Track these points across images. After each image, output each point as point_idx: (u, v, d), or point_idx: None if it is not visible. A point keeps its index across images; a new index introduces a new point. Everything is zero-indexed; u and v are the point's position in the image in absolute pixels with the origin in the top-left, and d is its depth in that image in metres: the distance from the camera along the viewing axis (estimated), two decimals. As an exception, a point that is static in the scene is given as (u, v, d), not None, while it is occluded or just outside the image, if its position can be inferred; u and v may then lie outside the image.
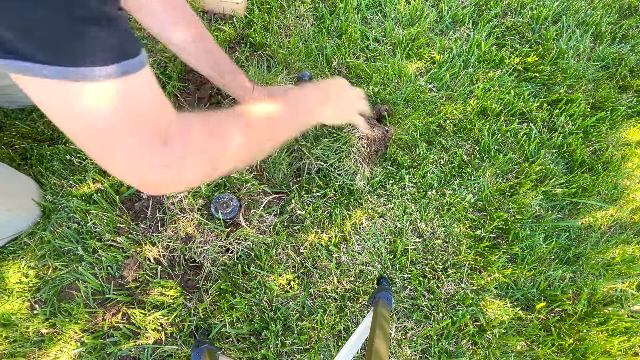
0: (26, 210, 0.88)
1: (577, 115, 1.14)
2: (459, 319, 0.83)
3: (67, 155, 0.97)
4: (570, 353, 0.84)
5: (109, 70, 0.35)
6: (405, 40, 1.21)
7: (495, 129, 1.09)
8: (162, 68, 1.10)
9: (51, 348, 0.78)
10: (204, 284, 0.85)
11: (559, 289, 0.90)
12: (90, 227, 0.88)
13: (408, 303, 0.85)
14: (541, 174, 1.05)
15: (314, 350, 0.79)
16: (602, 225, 1.03)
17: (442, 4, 1.32)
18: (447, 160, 1.04)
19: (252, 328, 0.81)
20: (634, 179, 1.09)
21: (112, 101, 0.36)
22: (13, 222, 0.86)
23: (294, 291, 0.84)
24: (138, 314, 0.80)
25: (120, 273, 0.85)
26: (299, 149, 1.01)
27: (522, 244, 0.94)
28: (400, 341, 0.82)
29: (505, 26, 1.32)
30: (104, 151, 0.39)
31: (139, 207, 0.92)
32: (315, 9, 1.26)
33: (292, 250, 0.88)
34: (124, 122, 0.37)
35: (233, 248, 0.87)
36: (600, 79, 1.25)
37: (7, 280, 0.84)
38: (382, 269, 0.88)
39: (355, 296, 0.84)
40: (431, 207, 0.96)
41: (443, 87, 1.16)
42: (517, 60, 1.24)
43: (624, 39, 1.36)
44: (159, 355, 0.78)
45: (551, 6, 1.36)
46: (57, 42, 0.32)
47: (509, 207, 0.99)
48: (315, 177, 0.98)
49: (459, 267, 0.90)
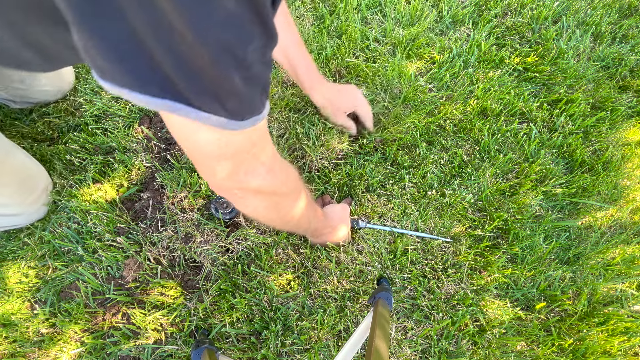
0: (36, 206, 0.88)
1: (577, 115, 1.14)
2: (459, 319, 0.83)
3: (67, 155, 0.97)
4: (570, 353, 0.84)
5: (247, 123, 0.40)
6: (405, 40, 1.21)
7: (495, 129, 1.09)
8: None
9: (51, 348, 0.78)
10: (204, 284, 0.85)
11: (559, 289, 0.90)
12: (90, 227, 0.88)
13: (408, 303, 0.85)
14: (541, 174, 1.05)
15: (314, 350, 0.79)
16: (602, 225, 1.03)
17: (442, 4, 1.32)
18: (447, 160, 1.04)
19: (252, 328, 0.81)
20: (634, 179, 1.09)
21: (238, 145, 0.43)
22: (18, 217, 0.86)
23: (294, 291, 0.84)
24: (138, 314, 0.80)
25: (120, 273, 0.85)
26: (301, 147, 1.01)
27: (522, 244, 0.94)
28: (400, 341, 0.82)
29: (505, 26, 1.32)
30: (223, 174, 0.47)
31: (139, 207, 0.92)
32: (315, 9, 1.27)
33: (292, 250, 0.88)
34: (240, 161, 0.46)
35: (233, 248, 0.87)
36: (600, 79, 1.25)
37: (7, 280, 0.84)
38: (382, 269, 0.88)
39: (355, 296, 0.84)
40: (431, 207, 0.96)
41: (443, 87, 1.16)
42: (517, 60, 1.24)
43: (624, 39, 1.36)
44: (159, 355, 0.78)
45: (551, 6, 1.36)
46: (220, 93, 0.35)
47: (509, 207, 0.99)
48: (315, 176, 0.98)
49: (459, 267, 0.90)
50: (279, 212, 0.63)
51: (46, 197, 0.90)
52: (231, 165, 0.46)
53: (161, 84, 0.33)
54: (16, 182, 0.83)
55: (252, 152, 0.46)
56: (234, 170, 0.47)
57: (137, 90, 0.33)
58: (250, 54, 0.33)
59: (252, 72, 0.35)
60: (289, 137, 1.02)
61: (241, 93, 0.36)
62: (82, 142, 0.99)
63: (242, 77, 0.35)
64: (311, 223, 0.76)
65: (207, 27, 0.29)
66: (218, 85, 0.34)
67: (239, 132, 0.40)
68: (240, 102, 0.37)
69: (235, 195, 0.53)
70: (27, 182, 0.86)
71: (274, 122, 1.03)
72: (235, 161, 0.46)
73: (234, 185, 0.50)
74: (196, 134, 0.40)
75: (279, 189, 0.56)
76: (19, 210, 0.85)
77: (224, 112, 0.37)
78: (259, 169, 0.49)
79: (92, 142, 0.99)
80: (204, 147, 0.42)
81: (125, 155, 0.97)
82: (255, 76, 0.36)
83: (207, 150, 0.43)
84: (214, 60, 0.31)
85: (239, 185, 0.50)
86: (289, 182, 0.58)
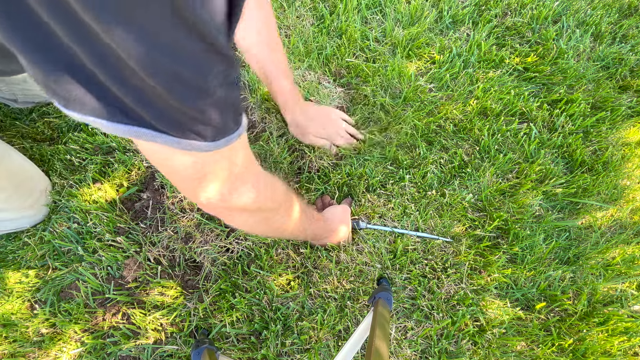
0: (36, 209, 0.88)
1: (577, 115, 1.14)
2: (459, 319, 0.83)
3: (67, 155, 0.97)
4: (570, 353, 0.84)
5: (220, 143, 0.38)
6: (405, 40, 1.21)
7: (495, 129, 1.09)
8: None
9: (51, 348, 0.78)
10: (204, 284, 0.85)
11: (559, 289, 0.90)
12: (90, 227, 0.88)
13: (408, 303, 0.85)
14: (541, 174, 1.05)
15: (314, 350, 0.79)
16: (602, 225, 1.03)
17: (442, 4, 1.32)
18: (447, 160, 1.04)
19: (252, 328, 0.81)
20: (634, 179, 1.09)
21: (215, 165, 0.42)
22: (20, 220, 0.86)
23: (294, 291, 0.84)
24: (138, 314, 0.80)
25: (120, 273, 0.85)
26: (301, 147, 1.01)
27: (522, 244, 0.94)
28: (400, 341, 0.82)
29: (505, 26, 1.32)
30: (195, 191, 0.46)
31: (139, 207, 0.92)
32: (315, 9, 1.26)
33: (292, 250, 0.88)
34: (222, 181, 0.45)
35: (233, 248, 0.87)
36: (600, 79, 1.25)
37: (7, 280, 0.84)
38: (382, 268, 0.88)
39: (355, 296, 0.84)
40: (431, 207, 0.96)
41: (443, 87, 1.16)
42: (517, 60, 1.24)
43: (624, 39, 1.36)
44: (159, 355, 0.78)
45: (551, 6, 1.36)
46: (184, 120, 0.34)
47: (509, 207, 0.99)
48: (315, 176, 0.98)
49: (459, 267, 0.90)
50: (270, 226, 0.62)
51: (45, 199, 0.90)
52: (213, 186, 0.45)
53: (124, 112, 0.32)
54: (13, 185, 0.82)
55: (233, 172, 0.45)
56: (217, 190, 0.46)
57: (102, 118, 0.32)
58: (210, 82, 0.32)
59: (217, 97, 0.34)
60: (289, 137, 1.02)
61: (208, 118, 0.35)
62: (82, 142, 0.99)
63: (206, 104, 0.34)
64: (307, 230, 0.75)
65: (156, 61, 0.28)
66: (181, 112, 0.33)
67: (215, 152, 0.39)
68: (208, 126, 0.36)
69: (222, 213, 0.53)
70: (24, 185, 0.85)
71: (274, 122, 1.03)
72: (216, 182, 0.45)
73: (219, 204, 0.49)
74: (171, 158, 0.39)
75: (266, 205, 0.55)
76: (17, 215, 0.84)
77: (194, 136, 0.36)
78: (242, 188, 0.48)
79: (92, 142, 0.99)
80: (182, 171, 0.41)
81: (125, 155, 0.97)
82: (221, 100, 0.35)
83: (185, 174, 0.42)
84: (169, 91, 0.31)
85: (224, 204, 0.49)
86: (276, 196, 0.58)
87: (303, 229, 0.73)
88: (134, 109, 0.32)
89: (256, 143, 1.01)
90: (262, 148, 1.00)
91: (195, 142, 0.36)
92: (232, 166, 0.45)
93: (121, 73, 0.29)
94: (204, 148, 0.37)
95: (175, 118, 0.33)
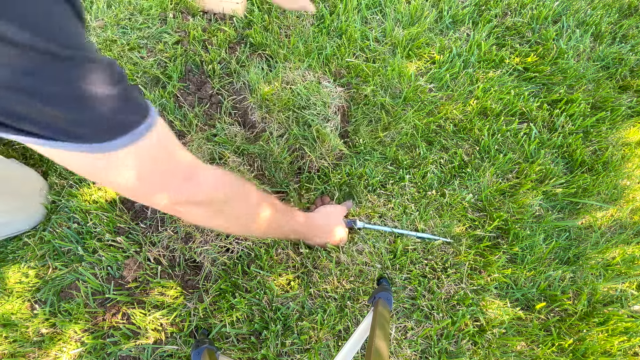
0: (29, 212, 0.88)
1: (577, 115, 1.14)
2: (459, 319, 0.83)
3: (67, 155, 0.96)
4: (570, 353, 0.84)
5: (120, 142, 0.39)
6: (405, 40, 1.21)
7: (495, 129, 1.09)
8: (162, 68, 1.10)
9: (51, 348, 0.78)
10: (204, 284, 0.85)
11: (559, 289, 0.90)
12: (90, 227, 0.88)
13: (408, 303, 0.85)
14: (541, 174, 1.05)
15: (314, 350, 0.79)
16: (602, 225, 1.03)
17: (442, 4, 1.32)
18: (447, 160, 1.04)
19: (252, 328, 0.81)
20: (634, 179, 1.09)
21: (140, 164, 0.42)
22: (13, 223, 0.86)
23: (294, 291, 0.84)
24: (138, 314, 0.80)
25: (120, 273, 0.85)
26: (301, 147, 1.01)
27: (522, 244, 0.94)
28: (400, 341, 0.82)
29: (505, 26, 1.32)
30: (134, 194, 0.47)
31: (139, 207, 0.92)
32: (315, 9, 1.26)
33: (292, 250, 0.88)
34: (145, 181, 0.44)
35: (233, 248, 0.87)
36: (600, 79, 1.25)
37: (7, 280, 0.84)
38: (382, 269, 0.88)
39: (355, 296, 0.84)
40: (431, 207, 0.96)
41: (443, 87, 1.16)
42: (517, 60, 1.24)
43: (624, 39, 1.36)
44: (159, 355, 0.78)
45: (551, 6, 1.36)
46: (65, 127, 0.36)
47: (509, 207, 0.99)
48: (315, 176, 0.98)
49: (459, 267, 0.90)
50: (228, 219, 0.60)
51: (41, 199, 0.90)
52: (144, 186, 0.44)
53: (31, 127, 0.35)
54: (8, 190, 0.82)
55: (158, 168, 0.45)
56: (152, 190, 0.45)
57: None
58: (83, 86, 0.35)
59: (98, 98, 0.36)
60: (289, 137, 1.02)
61: (89, 120, 0.37)
62: (82, 142, 0.99)
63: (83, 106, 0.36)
64: (284, 227, 0.74)
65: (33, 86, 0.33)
66: (62, 120, 0.35)
67: (126, 151, 0.39)
68: (90, 128, 0.37)
69: (176, 211, 0.51)
70: (19, 188, 0.85)
71: (274, 122, 1.03)
72: (146, 182, 0.44)
73: (165, 202, 0.48)
74: (72, 165, 0.40)
75: (213, 196, 0.53)
76: (13, 218, 0.84)
77: (81, 140, 0.37)
78: (174, 182, 0.47)
79: (92, 142, 0.99)
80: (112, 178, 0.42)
81: (125, 155, 0.96)
82: (103, 100, 0.37)
83: (117, 182, 0.42)
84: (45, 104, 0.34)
85: (170, 200, 0.48)
86: (223, 187, 0.55)
87: (277, 225, 0.71)
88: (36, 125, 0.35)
89: (256, 143, 1.01)
90: (262, 148, 1.00)
91: (87, 145, 0.37)
92: (156, 163, 0.44)
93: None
94: (100, 150, 0.38)
95: (60, 127, 0.36)
